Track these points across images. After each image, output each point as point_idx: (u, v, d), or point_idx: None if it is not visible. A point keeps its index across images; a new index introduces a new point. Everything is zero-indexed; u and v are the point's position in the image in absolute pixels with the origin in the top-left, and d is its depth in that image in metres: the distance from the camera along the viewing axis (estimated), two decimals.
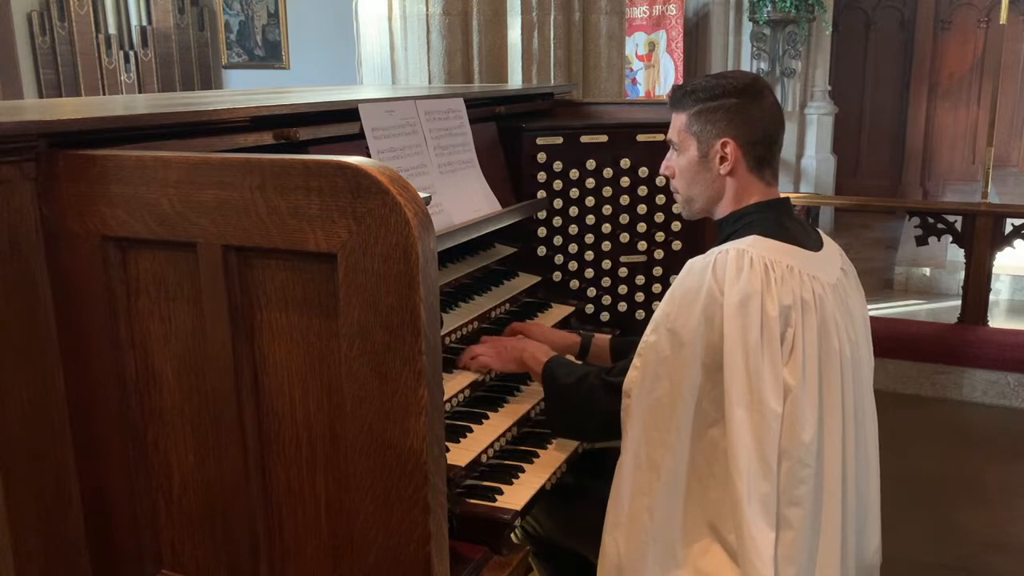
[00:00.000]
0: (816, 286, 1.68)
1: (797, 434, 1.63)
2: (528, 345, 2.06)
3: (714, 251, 1.70)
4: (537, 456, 1.94)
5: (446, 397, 1.90)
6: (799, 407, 1.63)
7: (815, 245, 1.79)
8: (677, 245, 2.70)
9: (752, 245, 1.67)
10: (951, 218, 5.10)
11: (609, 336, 2.34)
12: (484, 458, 1.87)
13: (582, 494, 2.04)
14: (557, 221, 2.66)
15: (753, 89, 1.77)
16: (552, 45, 3.79)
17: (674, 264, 2.71)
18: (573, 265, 2.69)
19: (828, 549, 1.68)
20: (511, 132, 2.61)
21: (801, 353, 1.64)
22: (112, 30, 7.45)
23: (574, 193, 2.65)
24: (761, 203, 1.80)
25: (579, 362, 2.23)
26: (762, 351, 1.60)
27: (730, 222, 1.82)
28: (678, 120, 1.83)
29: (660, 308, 1.70)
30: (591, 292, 2.71)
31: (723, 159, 1.78)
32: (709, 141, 1.78)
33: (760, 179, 1.80)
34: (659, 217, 2.68)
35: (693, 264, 1.70)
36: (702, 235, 2.69)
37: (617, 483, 1.72)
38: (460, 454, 1.80)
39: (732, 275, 1.63)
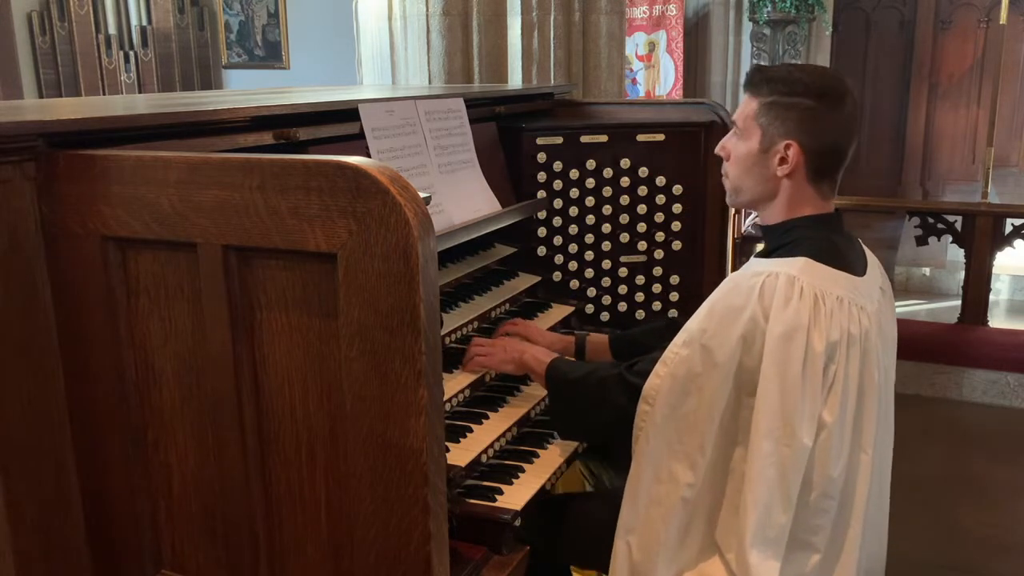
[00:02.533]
0: (863, 318, 1.63)
1: (826, 469, 1.59)
2: (528, 347, 2.04)
3: (762, 271, 1.61)
4: (537, 456, 1.94)
5: (446, 397, 1.90)
6: (831, 442, 1.59)
7: (861, 266, 1.73)
8: (677, 245, 2.70)
9: (803, 271, 1.60)
10: (951, 218, 5.10)
11: (607, 335, 2.33)
12: (484, 458, 1.86)
13: (574, 502, 2.02)
14: (557, 221, 2.66)
15: (835, 95, 1.67)
16: (552, 45, 3.79)
17: (674, 264, 2.71)
18: (573, 265, 2.69)
19: (845, 571, 1.67)
20: (511, 132, 2.61)
21: (841, 389, 1.59)
22: (112, 30, 7.45)
23: (574, 193, 2.65)
24: (812, 217, 1.72)
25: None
26: (802, 387, 1.55)
27: (779, 233, 1.73)
28: (749, 105, 1.72)
29: (696, 320, 1.64)
30: (591, 292, 2.71)
31: (783, 160, 1.68)
32: (773, 138, 1.68)
33: (817, 191, 1.72)
34: (659, 217, 2.68)
35: (738, 282, 1.62)
36: (702, 235, 2.70)
37: (633, 489, 1.68)
38: (460, 454, 1.80)
39: (780, 304, 1.56)
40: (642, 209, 2.68)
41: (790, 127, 1.67)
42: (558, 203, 2.63)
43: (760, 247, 1.84)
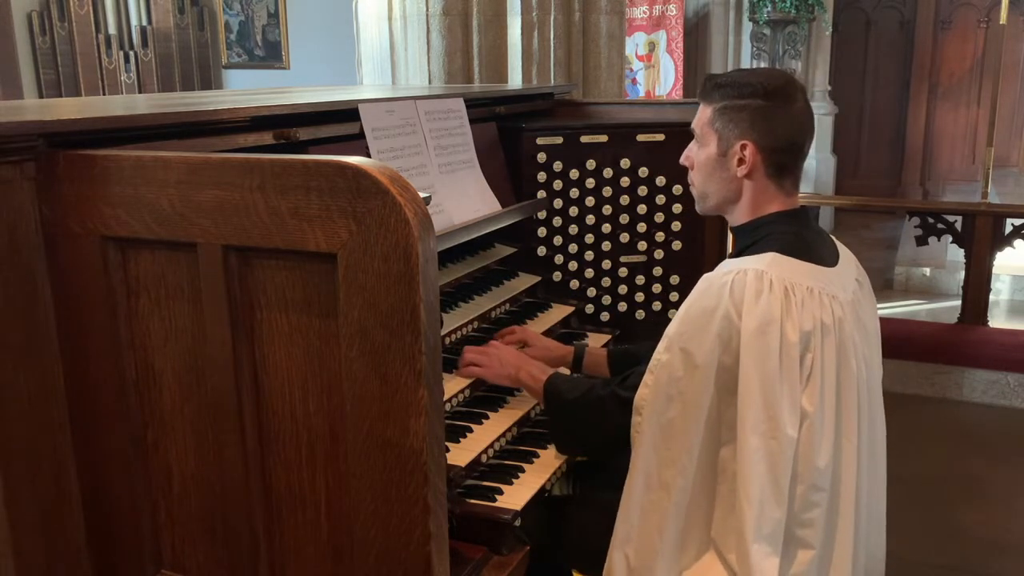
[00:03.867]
0: (836, 307, 1.64)
1: (812, 460, 1.60)
2: (524, 363, 2.03)
3: (732, 269, 1.64)
4: (537, 456, 1.94)
5: (446, 397, 1.90)
6: (814, 433, 1.60)
7: (832, 258, 1.75)
8: (677, 245, 2.70)
9: (771, 265, 1.62)
10: (951, 218, 5.10)
11: (605, 343, 2.32)
12: (484, 458, 1.87)
13: (576, 506, 2.02)
14: (557, 221, 2.66)
15: (784, 93, 1.71)
16: (552, 45, 3.79)
17: (674, 264, 2.71)
18: (573, 265, 2.69)
19: (840, 567, 1.67)
20: (511, 132, 2.61)
21: (819, 378, 1.60)
22: (112, 30, 7.45)
23: (574, 193, 2.65)
24: (779, 213, 1.75)
25: (577, 375, 2.21)
26: (780, 378, 1.56)
27: (747, 232, 1.77)
28: (704, 112, 1.77)
29: (673, 325, 1.66)
30: (591, 292, 2.71)
31: (741, 161, 1.72)
32: (729, 140, 1.73)
33: (779, 188, 1.74)
34: (659, 217, 2.68)
35: (710, 282, 1.65)
36: (702, 235, 2.70)
37: (627, 500, 1.69)
38: (460, 454, 1.80)
39: (751, 298, 1.58)
40: (642, 209, 2.68)
41: (743, 128, 1.71)
42: (558, 203, 2.63)
43: None
